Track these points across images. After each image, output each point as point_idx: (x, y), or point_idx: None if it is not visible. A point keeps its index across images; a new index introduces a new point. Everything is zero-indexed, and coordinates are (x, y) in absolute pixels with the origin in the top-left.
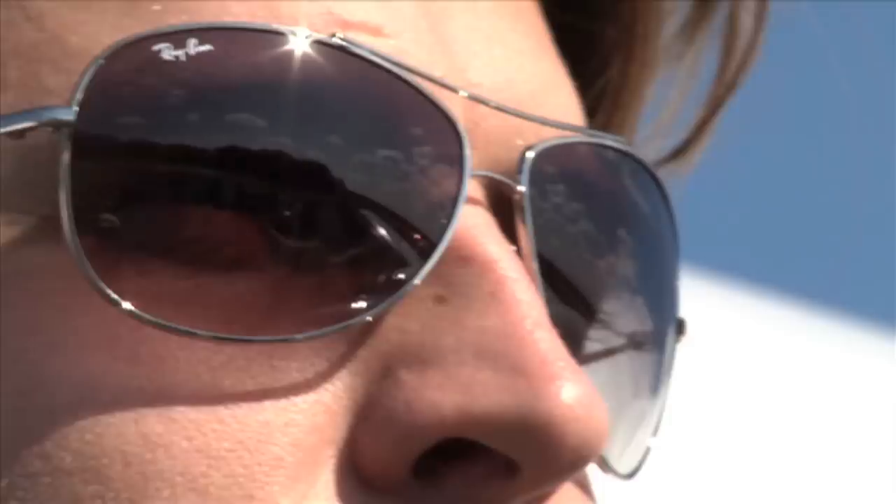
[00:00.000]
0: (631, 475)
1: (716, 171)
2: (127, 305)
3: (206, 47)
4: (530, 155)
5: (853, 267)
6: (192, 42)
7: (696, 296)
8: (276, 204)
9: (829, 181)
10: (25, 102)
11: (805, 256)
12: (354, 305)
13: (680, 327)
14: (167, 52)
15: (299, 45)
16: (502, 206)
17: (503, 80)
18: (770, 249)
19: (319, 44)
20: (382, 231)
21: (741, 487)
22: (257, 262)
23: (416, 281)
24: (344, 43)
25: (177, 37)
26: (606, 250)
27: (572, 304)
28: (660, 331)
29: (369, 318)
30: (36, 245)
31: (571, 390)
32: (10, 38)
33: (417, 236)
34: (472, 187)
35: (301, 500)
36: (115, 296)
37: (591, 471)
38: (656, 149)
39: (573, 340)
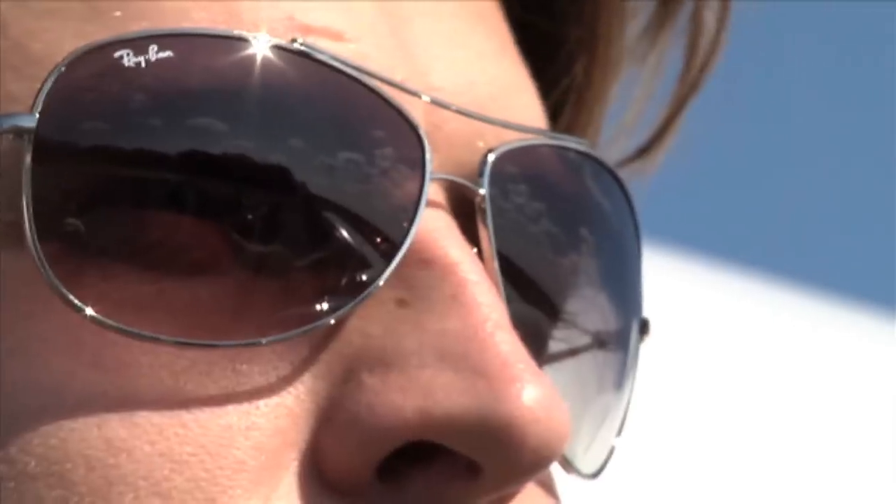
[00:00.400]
0: (595, 475)
1: (702, 160)
2: (89, 311)
3: (167, 53)
4: (491, 157)
5: (853, 250)
6: (152, 48)
7: (691, 280)
8: (238, 208)
9: (821, 167)
10: None
11: (805, 241)
12: (317, 308)
13: (644, 327)
14: (128, 58)
15: (260, 50)
16: (464, 209)
17: (464, 83)
18: (768, 235)
19: (280, 49)
20: (345, 234)
21: (738, 479)
22: (220, 266)
23: (379, 283)
24: (305, 48)
25: (137, 43)
26: (569, 250)
27: (535, 305)
28: (623, 330)
29: (332, 321)
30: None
31: (532, 392)
32: None
33: (379, 240)
34: (434, 190)
35: (264, 503)
36: (77, 301)
37: (557, 471)
38: (622, 148)
39: (536, 341)
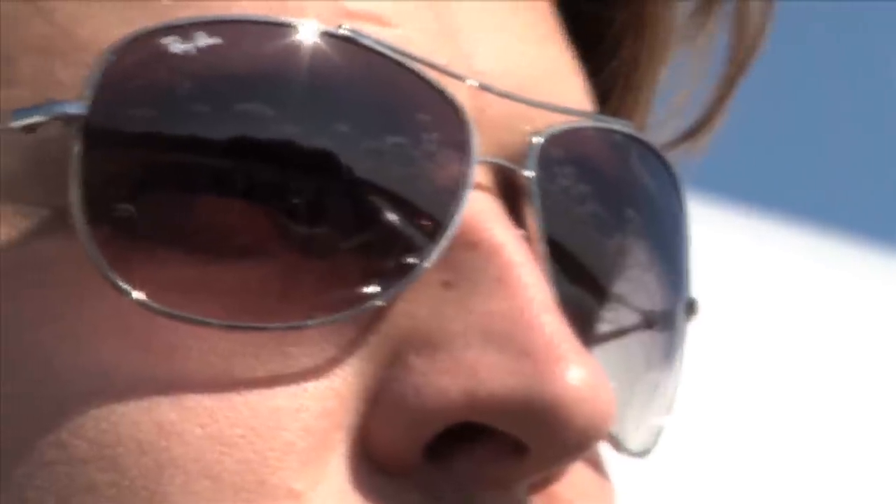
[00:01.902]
0: (645, 454)
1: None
2: (138, 295)
3: (215, 40)
4: (537, 140)
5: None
6: (200, 35)
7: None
8: (286, 192)
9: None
10: (39, 97)
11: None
12: (365, 290)
13: (691, 307)
14: (175, 45)
15: (307, 36)
16: (510, 192)
17: (509, 66)
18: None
19: (327, 35)
20: (390, 217)
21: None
22: (268, 249)
23: (426, 265)
24: (350, 34)
25: (185, 30)
26: (615, 231)
27: (581, 286)
28: (671, 310)
29: (380, 303)
30: (49, 236)
31: (577, 372)
32: (23, 35)
33: (425, 222)
34: (479, 173)
35: (314, 484)
36: (126, 286)
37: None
38: (675, 129)
39: (582, 322)
